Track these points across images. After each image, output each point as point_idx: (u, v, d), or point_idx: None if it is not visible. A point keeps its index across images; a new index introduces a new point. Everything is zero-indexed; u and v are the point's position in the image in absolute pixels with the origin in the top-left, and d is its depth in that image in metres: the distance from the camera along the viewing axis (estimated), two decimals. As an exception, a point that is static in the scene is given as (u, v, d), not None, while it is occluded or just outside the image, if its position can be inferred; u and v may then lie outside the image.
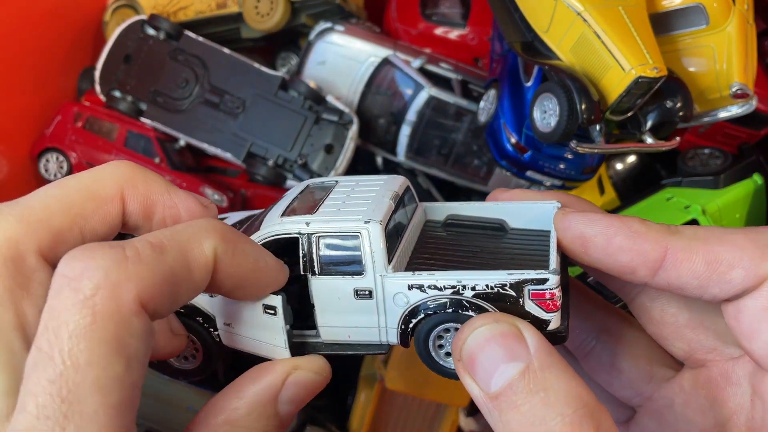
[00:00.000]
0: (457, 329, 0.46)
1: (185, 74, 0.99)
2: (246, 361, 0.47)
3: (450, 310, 0.45)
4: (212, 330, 0.50)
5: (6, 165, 0.97)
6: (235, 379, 0.44)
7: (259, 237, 0.48)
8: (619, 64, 0.67)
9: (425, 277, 0.45)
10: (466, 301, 0.45)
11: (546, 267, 0.45)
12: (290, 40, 1.12)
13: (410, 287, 0.45)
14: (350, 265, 0.46)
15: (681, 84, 0.72)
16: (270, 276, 0.46)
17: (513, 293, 0.44)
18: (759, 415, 0.43)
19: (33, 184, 1.01)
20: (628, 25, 0.69)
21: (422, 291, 0.45)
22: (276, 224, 0.48)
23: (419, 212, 0.55)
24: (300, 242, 0.47)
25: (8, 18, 0.94)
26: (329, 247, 0.47)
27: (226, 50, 0.99)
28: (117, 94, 1.00)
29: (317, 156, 0.98)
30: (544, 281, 0.43)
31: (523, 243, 0.52)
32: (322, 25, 1.02)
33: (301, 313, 0.50)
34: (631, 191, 1.02)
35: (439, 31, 1.10)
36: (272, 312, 0.46)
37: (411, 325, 0.47)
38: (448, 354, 0.47)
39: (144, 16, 1.01)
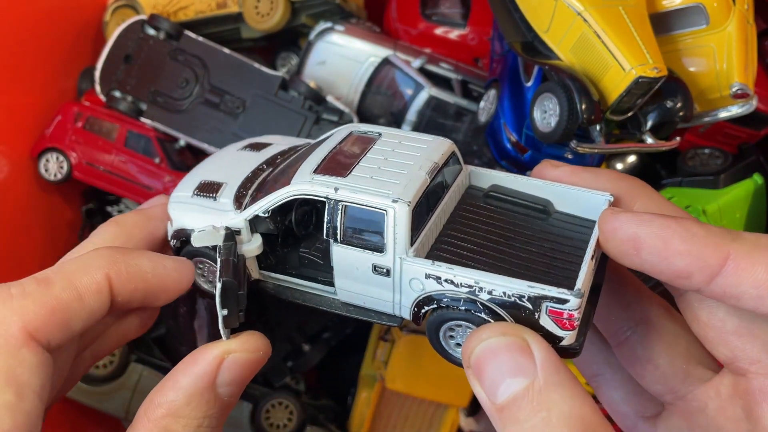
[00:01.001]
0: (468, 326, 0.45)
1: (185, 74, 0.99)
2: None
3: (463, 308, 0.44)
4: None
5: (6, 165, 0.97)
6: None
7: (286, 193, 0.48)
8: (619, 64, 0.67)
9: (443, 270, 0.44)
10: (481, 303, 0.43)
11: (570, 285, 0.42)
12: (290, 40, 1.12)
13: (427, 276, 0.44)
14: (372, 240, 0.46)
15: (681, 84, 0.72)
16: (172, 280, 0.48)
17: (529, 306, 0.42)
18: None
19: (33, 184, 1.01)
20: (628, 25, 0.69)
21: (438, 283, 0.44)
22: (307, 183, 0.47)
23: (462, 177, 0.53)
24: (326, 206, 0.47)
25: (8, 18, 0.94)
26: (354, 218, 0.46)
27: (226, 50, 0.99)
28: (117, 94, 1.00)
29: (317, 156, 0.98)
30: (564, 301, 0.41)
31: (564, 234, 0.50)
32: (322, 25, 1.02)
33: (321, 265, 0.51)
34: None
35: (439, 31, 1.10)
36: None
37: (424, 311, 0.46)
38: (458, 345, 0.47)
39: (144, 16, 1.01)
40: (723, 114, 0.77)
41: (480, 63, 1.09)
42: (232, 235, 0.49)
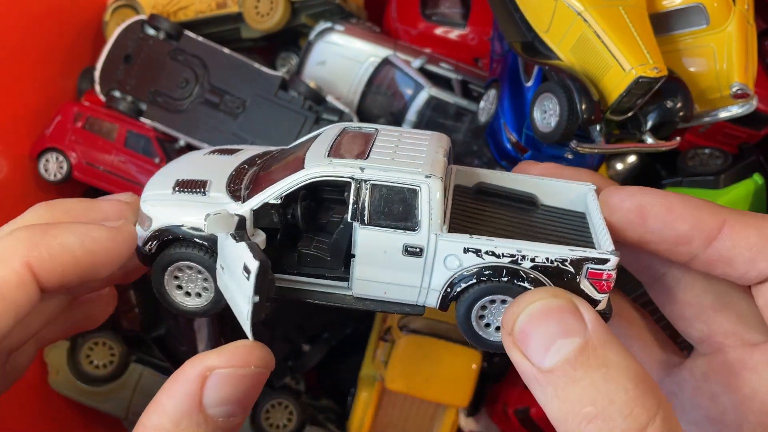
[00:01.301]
0: (503, 302, 0.45)
1: (185, 74, 0.99)
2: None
3: (505, 279, 0.44)
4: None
5: (6, 165, 0.97)
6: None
7: (304, 175, 0.46)
8: (619, 64, 0.67)
9: (483, 242, 0.43)
10: (523, 272, 0.43)
11: (597, 247, 0.43)
12: (290, 40, 1.12)
13: (466, 250, 0.44)
14: (403, 220, 0.44)
15: (681, 84, 0.72)
16: (107, 250, 0.43)
17: (572, 270, 0.43)
18: None
19: (33, 184, 1.01)
20: (628, 25, 0.69)
21: (478, 256, 0.44)
22: (325, 164, 0.45)
23: (451, 175, 0.53)
24: (351, 188, 0.45)
25: (8, 18, 0.94)
26: (383, 197, 0.44)
27: (226, 50, 0.99)
28: (117, 94, 1.00)
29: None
30: (604, 261, 0.43)
31: (557, 222, 0.51)
32: (322, 25, 1.02)
33: (326, 261, 0.49)
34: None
35: (439, 31, 1.10)
36: (247, 276, 0.43)
37: (459, 290, 0.45)
38: (488, 325, 0.46)
39: (144, 16, 1.01)
40: (723, 114, 0.77)
41: (480, 63, 1.09)
42: (243, 223, 0.47)
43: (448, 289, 0.45)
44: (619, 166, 1.04)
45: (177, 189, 0.51)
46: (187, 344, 1.01)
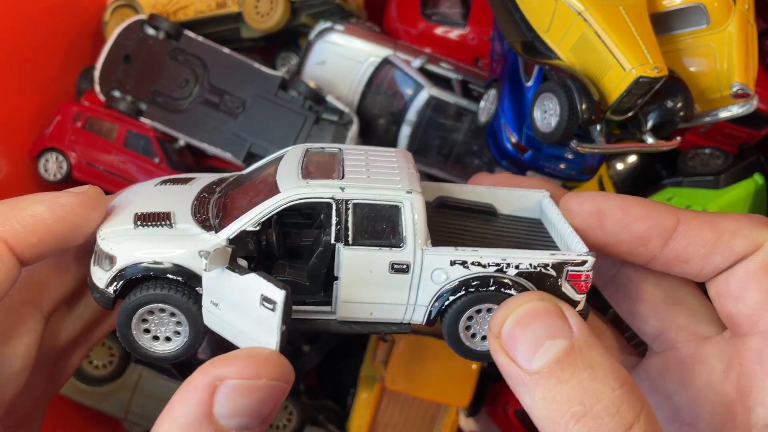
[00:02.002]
0: (489, 311, 0.45)
1: (185, 74, 0.99)
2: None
3: (492, 288, 0.44)
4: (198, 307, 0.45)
5: (6, 165, 0.97)
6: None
7: (283, 199, 0.44)
8: (619, 63, 0.67)
9: (469, 253, 0.44)
10: (510, 280, 0.44)
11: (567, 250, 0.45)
12: (290, 40, 1.12)
13: (453, 263, 0.44)
14: (388, 237, 0.44)
15: (681, 84, 0.72)
16: (78, 216, 0.43)
17: (554, 273, 0.44)
18: (732, 386, 0.44)
19: (32, 184, 1.01)
20: (628, 24, 0.69)
21: (465, 267, 0.44)
22: (303, 186, 0.44)
23: None
24: (334, 208, 0.44)
25: (8, 18, 0.94)
26: (366, 216, 0.44)
27: (226, 50, 0.99)
28: (116, 93, 1.00)
29: (317, 156, 0.98)
30: (582, 263, 0.44)
31: (518, 229, 0.52)
32: (322, 24, 1.02)
33: (305, 287, 0.47)
34: (632, 191, 1.02)
35: (439, 30, 1.10)
36: (270, 307, 0.41)
37: (447, 303, 0.45)
38: (474, 335, 0.47)
39: (144, 16, 1.01)
40: (723, 114, 0.77)
41: (480, 63, 1.09)
42: (236, 254, 0.44)
43: (436, 303, 0.46)
44: (620, 166, 1.04)
45: (139, 223, 0.46)
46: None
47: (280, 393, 0.39)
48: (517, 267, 0.44)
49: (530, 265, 0.44)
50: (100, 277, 0.45)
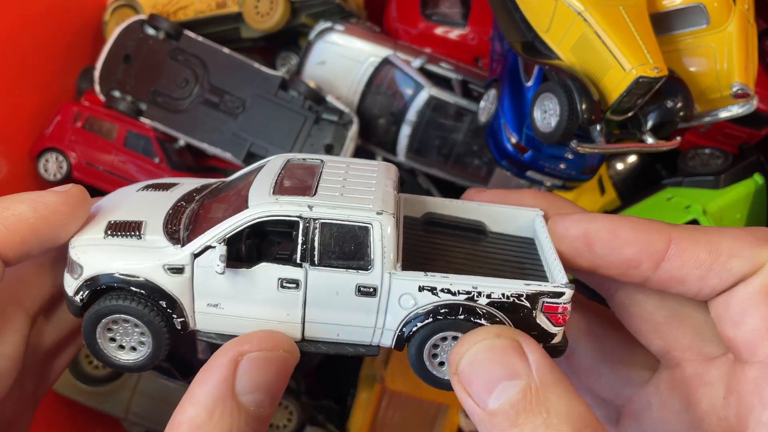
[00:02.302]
0: (455, 338, 0.44)
1: (185, 74, 0.99)
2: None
3: (462, 317, 0.43)
4: (175, 317, 0.45)
5: (6, 165, 0.97)
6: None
7: (249, 216, 0.43)
8: (619, 63, 0.67)
9: (439, 280, 0.43)
10: (480, 309, 0.43)
11: (545, 279, 0.43)
12: (290, 40, 1.12)
13: (421, 288, 0.43)
14: (355, 259, 0.43)
15: (681, 84, 0.72)
16: (61, 214, 0.43)
17: (528, 305, 0.42)
18: (732, 413, 0.42)
19: (32, 184, 1.01)
20: (628, 24, 0.69)
21: (434, 294, 0.43)
22: (272, 203, 0.43)
23: (400, 206, 0.51)
24: (300, 227, 0.43)
25: (8, 18, 0.94)
26: (333, 236, 0.43)
27: (226, 50, 0.99)
28: (116, 93, 1.00)
29: (317, 156, 0.98)
30: (559, 295, 0.42)
31: (507, 250, 0.50)
32: (322, 24, 1.02)
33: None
34: (632, 191, 1.02)
35: (439, 30, 1.10)
36: (293, 285, 0.42)
37: (414, 329, 0.44)
38: (441, 364, 0.45)
39: (144, 16, 1.01)
40: (723, 114, 0.77)
41: (480, 63, 1.09)
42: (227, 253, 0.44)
43: (404, 329, 0.44)
44: (620, 166, 1.04)
45: (109, 232, 0.46)
46: (187, 345, 1.01)
47: (289, 368, 0.42)
48: (488, 296, 0.42)
49: (503, 294, 0.42)
50: (70, 284, 0.46)
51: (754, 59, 0.76)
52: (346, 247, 0.43)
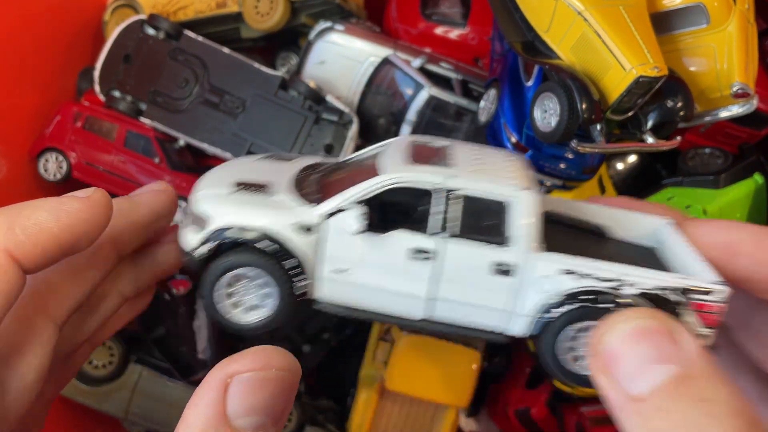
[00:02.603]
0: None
1: (185, 74, 0.99)
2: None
3: (608, 305, 0.40)
4: (298, 280, 0.43)
5: (6, 165, 0.97)
6: None
7: (386, 179, 0.42)
8: (619, 63, 0.67)
9: (587, 264, 0.40)
10: (629, 299, 0.40)
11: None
12: (290, 39, 1.12)
13: (564, 272, 0.41)
14: (496, 235, 0.41)
15: (682, 83, 0.72)
16: (84, 222, 0.42)
17: (676, 299, 0.40)
18: None
19: (32, 184, 1.01)
20: (628, 24, 0.69)
21: (578, 278, 0.40)
22: (409, 169, 0.42)
23: None
24: (438, 197, 0.41)
25: (8, 18, 0.94)
26: (474, 209, 0.41)
27: (225, 50, 0.99)
28: (116, 93, 1.00)
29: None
30: (714, 293, 0.40)
31: (630, 254, 0.47)
32: (322, 24, 1.02)
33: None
34: (632, 191, 1.02)
35: (439, 30, 1.10)
36: (424, 256, 0.40)
37: (555, 315, 0.41)
38: (575, 359, 0.42)
39: (143, 16, 1.01)
40: (723, 114, 0.77)
41: (480, 63, 1.09)
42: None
43: (544, 315, 0.41)
44: (620, 165, 1.04)
45: (237, 188, 0.46)
46: (187, 345, 1.01)
47: (290, 387, 0.38)
48: (636, 286, 0.40)
49: (655, 286, 0.39)
50: (192, 237, 0.45)
51: (754, 59, 0.76)
52: (486, 221, 0.41)
